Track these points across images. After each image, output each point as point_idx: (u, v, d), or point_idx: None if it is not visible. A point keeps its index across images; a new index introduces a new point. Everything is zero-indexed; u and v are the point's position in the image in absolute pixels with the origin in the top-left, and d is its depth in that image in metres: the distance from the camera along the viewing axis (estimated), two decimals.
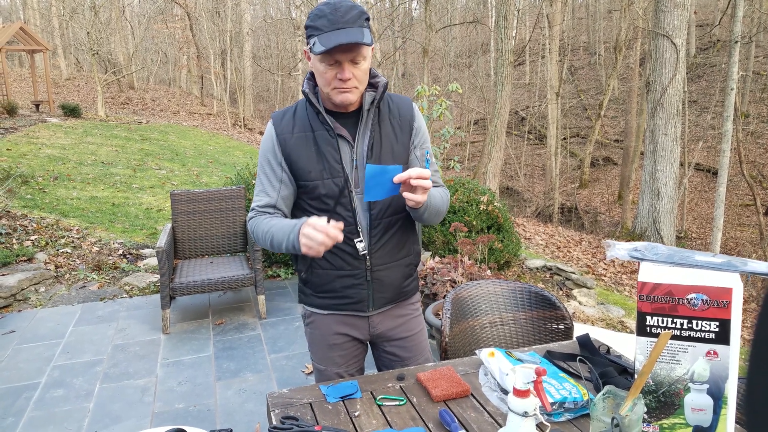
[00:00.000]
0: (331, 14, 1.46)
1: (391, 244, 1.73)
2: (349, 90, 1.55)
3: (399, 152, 1.68)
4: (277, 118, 1.69)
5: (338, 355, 1.82)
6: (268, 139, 1.69)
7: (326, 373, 1.83)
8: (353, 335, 1.81)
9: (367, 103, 1.63)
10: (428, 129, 5.50)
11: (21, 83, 22.47)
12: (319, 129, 1.63)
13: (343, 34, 1.45)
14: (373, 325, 1.80)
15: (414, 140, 1.72)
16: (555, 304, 2.18)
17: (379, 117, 1.66)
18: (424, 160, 1.73)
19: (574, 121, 24.00)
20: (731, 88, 8.92)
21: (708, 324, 1.21)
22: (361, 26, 1.48)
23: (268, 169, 1.68)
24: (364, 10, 1.52)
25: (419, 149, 1.73)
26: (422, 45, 14.85)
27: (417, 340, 1.88)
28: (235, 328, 4.08)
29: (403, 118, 1.70)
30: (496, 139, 10.86)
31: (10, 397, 3.16)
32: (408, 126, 1.70)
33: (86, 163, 10.09)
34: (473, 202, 5.00)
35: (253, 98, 28.78)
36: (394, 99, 1.72)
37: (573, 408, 1.40)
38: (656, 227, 9.50)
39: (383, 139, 1.65)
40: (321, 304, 1.79)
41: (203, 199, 4.42)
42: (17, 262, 5.07)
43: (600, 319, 4.60)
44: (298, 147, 1.64)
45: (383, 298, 1.76)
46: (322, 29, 1.47)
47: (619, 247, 1.36)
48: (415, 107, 1.75)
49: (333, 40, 1.44)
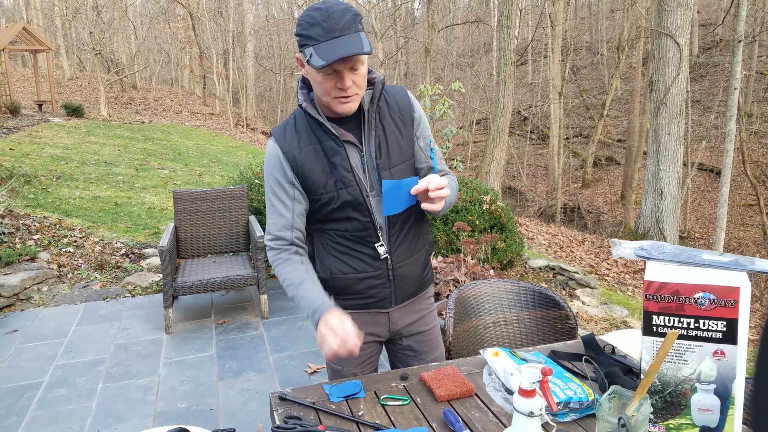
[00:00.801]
0: (324, 22, 1.39)
1: (409, 239, 1.72)
2: (350, 99, 1.50)
3: (405, 147, 1.65)
4: (278, 135, 1.62)
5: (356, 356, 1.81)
6: (273, 159, 1.61)
7: (342, 373, 1.81)
8: (373, 332, 1.79)
9: (366, 103, 1.59)
10: (431, 129, 5.51)
11: (24, 83, 22.51)
12: (326, 139, 1.58)
13: (341, 44, 1.38)
14: (393, 320, 1.79)
15: (416, 131, 1.69)
16: (559, 304, 2.17)
17: (380, 114, 1.62)
18: (429, 149, 1.70)
19: (576, 121, 23.97)
20: (734, 87, 8.89)
21: (715, 323, 1.19)
22: (357, 31, 1.42)
23: (278, 189, 1.62)
24: (355, 11, 1.45)
25: (422, 139, 1.70)
26: (425, 44, 14.84)
27: (433, 334, 1.88)
28: (238, 328, 4.08)
29: (404, 110, 1.66)
30: (499, 139, 10.84)
31: (13, 396, 3.16)
32: (409, 118, 1.67)
33: (89, 162, 10.10)
34: (476, 201, 4.99)
35: (256, 98, 28.81)
36: (389, 92, 1.67)
37: (578, 408, 1.38)
38: (659, 227, 9.47)
39: (388, 137, 1.62)
40: (344, 306, 1.72)
41: (206, 198, 4.42)
42: (20, 261, 5.07)
43: (603, 319, 4.59)
44: (309, 162, 1.58)
45: (405, 293, 1.76)
46: (317, 39, 1.39)
47: (624, 245, 1.35)
48: (410, 95, 1.70)
49: (332, 52, 1.37)
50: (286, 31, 29.54)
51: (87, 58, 29.40)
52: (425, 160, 1.70)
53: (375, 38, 16.29)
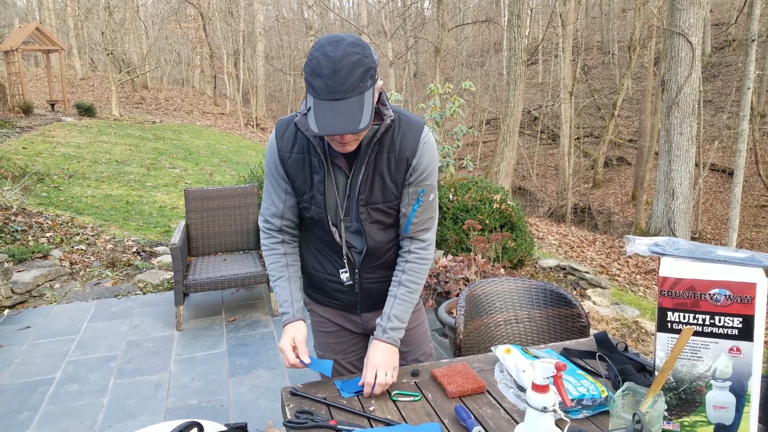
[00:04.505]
0: (329, 78, 1.30)
1: (386, 264, 1.71)
2: (349, 146, 1.46)
3: (390, 190, 1.58)
4: (279, 130, 1.61)
5: (334, 343, 1.84)
6: (271, 150, 1.63)
7: (325, 358, 1.85)
8: (347, 327, 1.83)
9: (367, 138, 1.51)
10: (440, 127, 5.50)
11: (37, 83, 22.72)
12: (315, 155, 1.56)
13: (338, 114, 1.31)
14: (366, 320, 1.81)
15: (410, 178, 1.58)
16: (571, 302, 2.16)
17: (378, 150, 1.54)
18: (416, 199, 1.60)
19: (587, 121, 23.83)
20: (747, 87, 8.80)
21: (731, 320, 1.18)
22: (362, 92, 1.33)
23: (272, 179, 1.65)
24: (368, 64, 1.34)
25: (414, 186, 1.58)
26: (434, 44, 14.82)
27: (414, 334, 1.84)
28: (248, 325, 4.09)
29: (402, 153, 1.54)
30: (509, 139, 10.81)
31: (26, 391, 3.19)
32: (405, 163, 1.55)
33: (101, 161, 10.18)
34: (486, 200, 4.97)
35: (266, 98, 28.88)
36: (402, 126, 1.55)
37: (591, 405, 1.38)
38: (671, 227, 9.40)
39: (376, 176, 1.55)
40: (315, 298, 1.84)
41: (217, 196, 4.44)
42: (33, 258, 5.12)
43: (615, 319, 4.56)
44: (295, 168, 1.59)
45: (372, 304, 1.77)
46: (318, 93, 1.32)
47: (639, 242, 1.33)
48: (423, 139, 1.56)
49: (327, 124, 1.31)
50: (296, 32, 29.62)
51: (99, 58, 29.65)
52: (406, 205, 1.60)
53: (385, 38, 16.28)
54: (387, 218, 1.63)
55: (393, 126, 1.55)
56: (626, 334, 4.34)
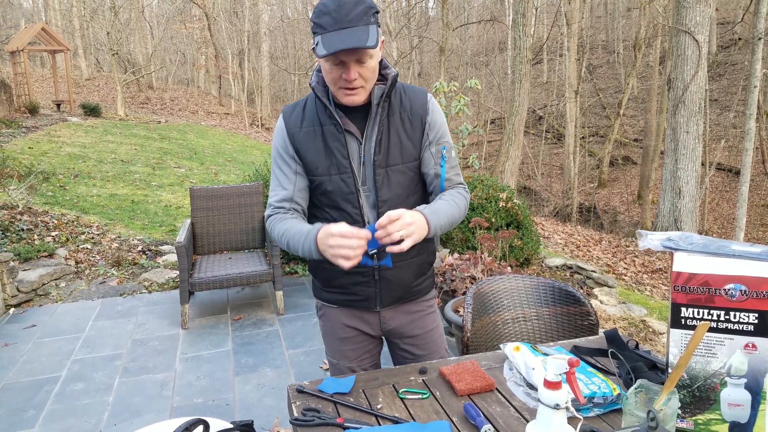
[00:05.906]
0: (335, 11, 1.37)
1: None
2: (356, 92, 1.48)
3: (408, 149, 1.60)
4: (287, 112, 1.64)
5: (349, 349, 1.78)
6: (279, 133, 1.64)
7: (339, 366, 1.80)
8: (364, 330, 1.77)
9: (376, 97, 1.54)
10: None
11: (42, 83, 22.80)
12: (327, 124, 1.57)
13: (345, 36, 1.36)
14: (385, 320, 1.76)
15: (428, 137, 1.62)
16: (580, 300, 2.13)
17: (389, 111, 1.57)
18: (440, 156, 1.63)
19: (592, 120, 23.75)
20: (754, 85, 8.73)
21: (746, 315, 1.16)
22: (367, 24, 1.39)
23: (282, 163, 1.64)
24: (371, 3, 1.42)
25: (435, 145, 1.62)
26: (439, 43, 14.79)
27: (431, 337, 1.82)
28: (254, 324, 4.08)
29: (415, 112, 1.59)
30: (514, 138, 10.77)
31: (31, 390, 3.18)
32: (420, 121, 1.60)
33: (106, 161, 10.19)
34: (492, 199, 4.95)
35: (271, 98, 28.91)
36: (407, 91, 1.62)
37: (602, 403, 1.35)
38: (677, 227, 9.34)
39: (391, 135, 1.58)
40: (330, 299, 1.76)
41: (222, 195, 4.43)
42: (38, 257, 5.12)
43: (622, 318, 4.53)
44: (306, 142, 1.59)
45: (392, 297, 1.71)
46: (325, 28, 1.38)
47: (651, 237, 1.31)
48: (430, 99, 1.63)
49: (334, 43, 1.36)
50: (301, 32, 29.62)
51: (104, 58, 29.74)
52: (433, 166, 1.63)
53: (389, 37, 16.26)
54: (405, 181, 1.60)
55: (399, 89, 1.61)
56: (634, 333, 4.31)
